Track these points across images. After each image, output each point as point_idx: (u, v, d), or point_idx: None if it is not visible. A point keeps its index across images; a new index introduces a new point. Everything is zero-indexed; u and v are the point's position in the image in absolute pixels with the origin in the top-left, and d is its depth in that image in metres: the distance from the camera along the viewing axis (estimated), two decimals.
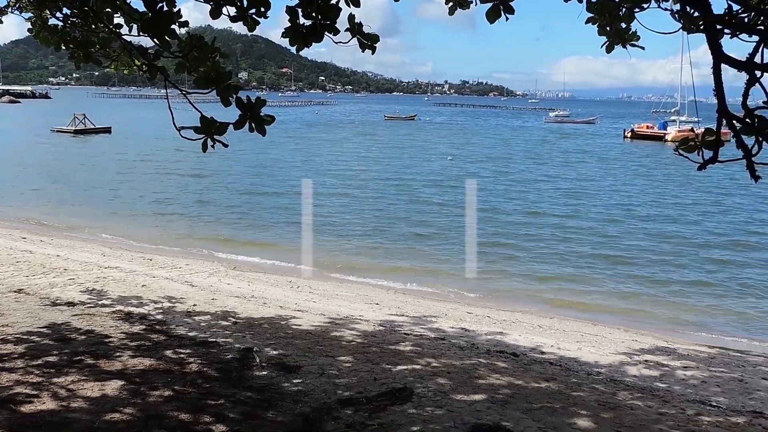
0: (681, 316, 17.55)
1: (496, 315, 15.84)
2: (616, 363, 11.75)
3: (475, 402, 8.00)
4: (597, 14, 5.30)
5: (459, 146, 74.80)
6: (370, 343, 10.95)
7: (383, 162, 54.54)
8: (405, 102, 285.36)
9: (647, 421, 8.00)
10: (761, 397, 10.42)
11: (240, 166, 47.87)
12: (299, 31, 5.11)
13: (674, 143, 4.59)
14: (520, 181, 44.30)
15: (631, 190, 41.25)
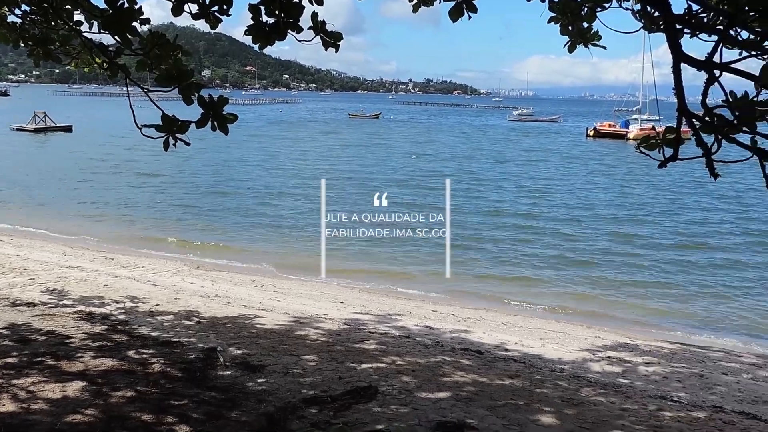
0: (642, 313, 17.75)
1: (461, 313, 15.90)
2: (579, 359, 11.85)
3: (439, 400, 8.02)
4: (559, 13, 5.32)
5: (423, 144, 74.89)
6: (335, 341, 10.94)
7: (347, 161, 54.42)
8: (369, 100, 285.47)
9: (610, 416, 8.08)
10: (721, 392, 10.58)
11: (201, 165, 47.46)
12: (262, 29, 5.08)
13: (636, 141, 4.64)
14: (483, 180, 44.42)
15: (592, 189, 41.61)
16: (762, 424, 8.63)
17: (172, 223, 28.24)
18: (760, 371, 12.65)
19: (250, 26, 5.08)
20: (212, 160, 50.17)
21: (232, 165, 49.17)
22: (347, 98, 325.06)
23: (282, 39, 5.17)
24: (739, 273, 21.82)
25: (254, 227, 27.81)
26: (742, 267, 22.69)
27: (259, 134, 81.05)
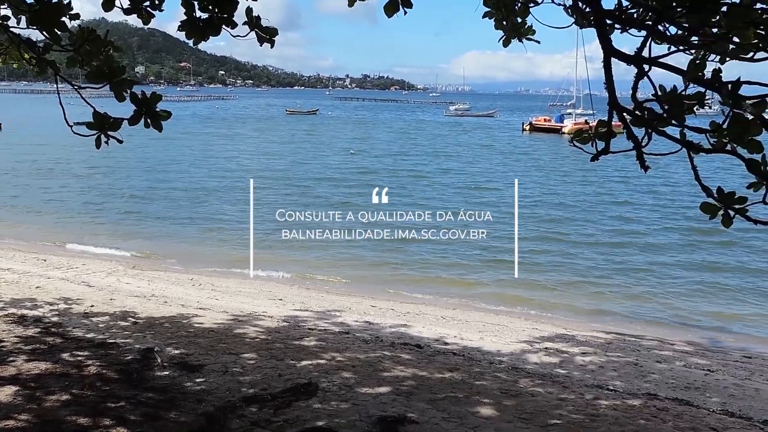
0: (578, 304, 18.03)
1: (400, 308, 15.96)
2: (517, 351, 11.99)
3: (380, 395, 8.04)
4: (493, 9, 5.38)
5: (360, 140, 74.83)
6: (274, 339, 10.88)
7: (283, 158, 54.06)
8: (306, 96, 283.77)
9: (548, 406, 8.20)
10: (655, 379, 10.81)
11: (134, 163, 46.60)
12: (196, 25, 5.03)
13: (570, 135, 4.71)
14: (419, 175, 44.49)
15: (528, 183, 42.05)
16: (694, 410, 8.84)
17: (106, 223, 27.72)
18: (692, 358, 12.97)
19: (184, 21, 5.02)
20: (146, 159, 49.27)
21: (166, 163, 48.37)
22: (284, 94, 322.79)
23: (216, 34, 5.13)
24: (670, 265, 22.28)
25: (188, 225, 27.51)
26: (672, 259, 23.18)
27: (194, 132, 79.91)
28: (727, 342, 15.35)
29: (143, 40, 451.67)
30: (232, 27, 5.09)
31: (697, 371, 11.73)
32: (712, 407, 9.25)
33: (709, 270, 21.47)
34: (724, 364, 12.65)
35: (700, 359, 12.94)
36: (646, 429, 7.70)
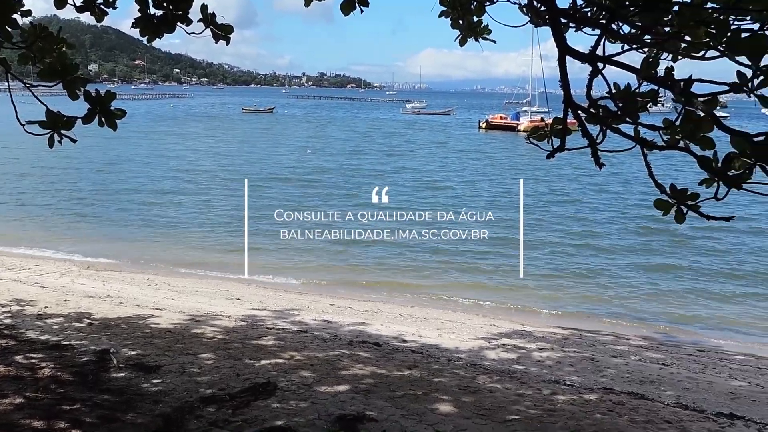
0: (534, 300, 18.19)
1: (358, 306, 15.97)
2: (475, 348, 12.07)
3: (339, 393, 8.04)
4: (449, 8, 5.39)
5: (317, 139, 74.52)
6: (232, 338, 10.81)
7: (239, 157, 53.61)
8: (263, 94, 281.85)
9: (506, 402, 8.26)
10: (611, 374, 10.95)
11: (87, 162, 45.79)
12: (150, 22, 4.98)
13: (526, 133, 4.73)
14: (375, 174, 44.32)
15: (483, 180, 42.27)
16: (649, 403, 8.97)
17: (58, 223, 27.32)
18: (647, 353, 13.16)
19: (138, 18, 4.97)
20: (98, 158, 48.45)
21: (119, 163, 47.62)
22: (240, 92, 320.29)
23: (171, 32, 5.08)
24: (624, 258, 22.58)
25: (142, 226, 27.19)
26: (626, 252, 23.49)
27: (148, 131, 78.68)
28: (681, 336, 15.60)
29: (96, 38, 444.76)
30: (187, 24, 5.05)
31: (652, 365, 11.90)
32: (667, 400, 9.40)
33: (659, 268, 21.76)
34: (678, 358, 12.85)
35: (655, 353, 13.14)
36: (603, 423, 7.78)
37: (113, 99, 4.72)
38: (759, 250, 24.29)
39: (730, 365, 12.64)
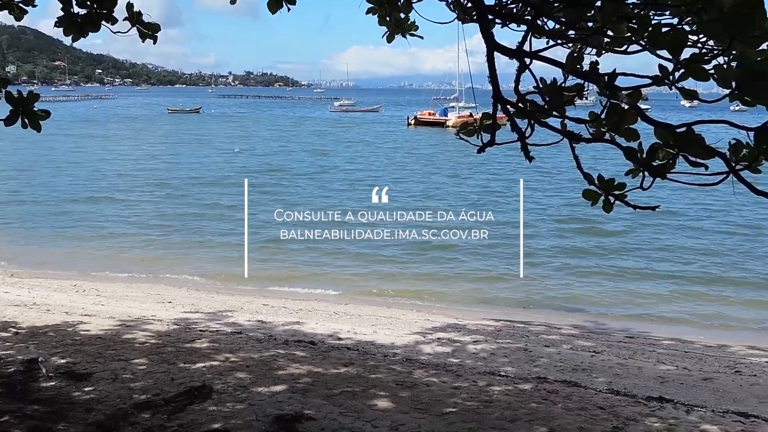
0: (465, 293, 18.38)
1: (293, 305, 15.90)
2: (411, 343, 12.14)
3: (276, 393, 8.01)
4: (376, 4, 5.42)
5: (245, 139, 73.70)
6: (165, 342, 10.67)
7: (163, 159, 52.40)
8: (189, 94, 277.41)
9: (443, 395, 8.34)
10: (544, 363, 11.14)
11: (2, 168, 44.28)
12: (74, 21, 4.88)
13: (455, 129, 4.78)
14: (303, 174, 43.91)
15: (414, 177, 42.43)
16: (582, 391, 9.15)
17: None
18: (579, 341, 13.42)
19: (61, 17, 4.87)
20: (17, 162, 46.90)
21: (39, 167, 46.15)
22: (165, 92, 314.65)
23: (95, 30, 4.99)
24: (551, 252, 22.92)
25: (67, 231, 26.58)
26: (555, 246, 23.86)
27: (70, 133, 76.30)
28: (611, 324, 15.93)
29: (14, 39, 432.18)
30: (112, 23, 4.97)
31: (583, 353, 12.13)
32: (599, 387, 9.60)
33: (583, 257, 22.18)
34: (609, 345, 13.13)
35: (586, 341, 13.40)
36: (538, 411, 7.92)
37: (36, 100, 4.62)
38: (675, 238, 24.98)
39: (658, 350, 12.97)
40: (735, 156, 3.19)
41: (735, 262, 21.76)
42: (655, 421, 7.95)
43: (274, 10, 5.27)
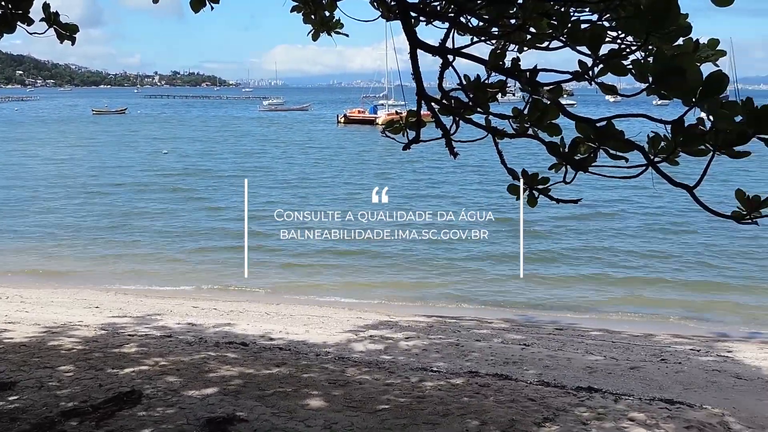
0: (396, 290, 18.48)
1: (223, 306, 15.74)
2: (343, 341, 12.14)
3: (207, 396, 7.92)
4: (301, 2, 5.40)
5: (172, 140, 72.36)
6: (93, 348, 10.45)
7: (87, 162, 50.82)
8: (113, 95, 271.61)
9: (375, 392, 8.35)
10: (476, 357, 11.25)
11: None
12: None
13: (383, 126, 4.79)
14: (232, 176, 42.51)
15: (342, 176, 42.34)
16: (513, 383, 9.26)
17: None
18: (509, 334, 13.60)
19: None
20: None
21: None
22: (90, 93, 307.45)
23: (11, 32, 4.86)
24: (479, 246, 23.06)
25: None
26: (478, 242, 24.03)
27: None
28: (541, 317, 16.19)
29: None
30: (28, 24, 4.84)
31: (514, 346, 12.29)
32: (529, 379, 9.74)
33: (511, 253, 22.43)
34: (539, 338, 13.34)
35: (517, 335, 13.59)
36: (470, 405, 7.99)
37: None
38: (600, 233, 25.48)
39: (586, 341, 13.23)
40: (654, 149, 3.26)
41: (660, 255, 22.28)
42: (584, 410, 8.09)
43: (197, 8, 5.20)
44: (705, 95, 2.77)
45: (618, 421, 7.81)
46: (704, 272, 20.39)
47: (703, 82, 2.77)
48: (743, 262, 21.21)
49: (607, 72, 3.32)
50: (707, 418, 8.30)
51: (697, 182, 3.07)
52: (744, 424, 8.39)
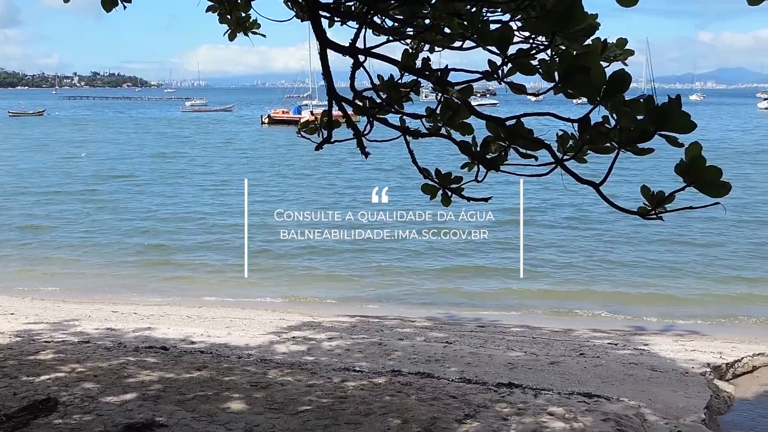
0: (321, 291, 18.47)
1: (143, 310, 15.48)
2: (265, 343, 12.07)
3: (125, 402, 7.79)
4: (216, 2, 5.34)
5: (92, 142, 70.42)
6: (7, 356, 10.16)
7: (2, 165, 49.31)
8: (31, 96, 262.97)
9: (298, 394, 8.33)
10: (399, 356, 11.32)
11: None
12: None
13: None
14: (150, 180, 41.60)
15: (268, 178, 42.03)
16: (435, 381, 9.34)
17: None
18: (432, 333, 13.71)
19: None
20: None
21: None
22: (6, 95, 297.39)
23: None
24: (400, 245, 23.17)
25: None
26: (401, 241, 24.15)
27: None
28: (463, 314, 16.35)
29: None
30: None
31: (436, 344, 12.39)
32: (452, 376, 9.85)
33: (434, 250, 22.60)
34: (461, 335, 13.48)
35: (439, 333, 13.71)
36: (392, 404, 8.03)
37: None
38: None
39: (507, 337, 13.41)
40: (562, 147, 3.32)
41: (579, 250, 22.72)
42: (505, 406, 8.22)
43: (109, 8, 5.09)
44: (609, 94, 2.82)
45: (538, 415, 7.96)
46: (621, 267, 20.87)
47: (606, 81, 2.83)
48: (657, 253, 21.85)
49: (516, 71, 3.37)
50: (624, 410, 8.52)
51: (602, 179, 3.12)
52: (659, 415, 8.65)
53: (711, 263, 21.04)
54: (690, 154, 2.75)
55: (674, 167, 2.78)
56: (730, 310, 16.87)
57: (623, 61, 3.97)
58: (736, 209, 27.36)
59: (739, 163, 45.45)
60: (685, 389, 10.05)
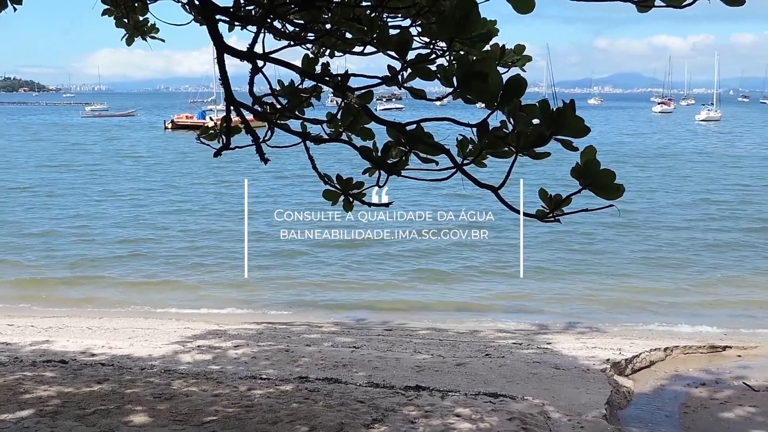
0: (226, 297, 18.28)
1: (41, 323, 14.91)
2: (169, 353, 11.82)
3: (22, 419, 7.50)
4: (111, 6, 5.20)
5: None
6: None
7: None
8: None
9: (203, 404, 8.19)
10: (306, 362, 11.25)
11: None
12: None
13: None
14: (60, 194, 38.49)
15: (175, 185, 41.30)
16: (342, 386, 9.34)
17: None
18: (339, 338, 13.68)
19: None
20: None
21: None
22: None
23: None
24: (313, 250, 23.15)
25: None
26: (314, 242, 24.12)
27: None
28: (370, 318, 16.40)
29: None
30: None
31: (344, 349, 12.37)
32: (359, 381, 9.86)
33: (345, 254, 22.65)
34: (369, 339, 13.48)
35: (346, 338, 13.68)
36: (299, 411, 7.98)
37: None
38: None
39: (414, 340, 13.48)
40: (462, 152, 3.34)
41: (485, 251, 23.02)
42: (413, 409, 8.27)
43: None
44: (505, 99, 2.86)
45: (445, 417, 8.03)
46: (523, 266, 21.30)
47: (503, 86, 2.85)
48: (558, 252, 22.38)
49: (415, 77, 3.39)
50: (528, 408, 8.69)
51: (501, 183, 3.17)
52: (563, 412, 8.84)
53: (608, 263, 21.69)
54: (585, 157, 2.81)
55: (570, 170, 2.83)
56: (628, 308, 17.41)
57: (522, 66, 4.04)
58: (644, 211, 28.46)
59: (639, 166, 47.13)
60: (586, 386, 10.30)
